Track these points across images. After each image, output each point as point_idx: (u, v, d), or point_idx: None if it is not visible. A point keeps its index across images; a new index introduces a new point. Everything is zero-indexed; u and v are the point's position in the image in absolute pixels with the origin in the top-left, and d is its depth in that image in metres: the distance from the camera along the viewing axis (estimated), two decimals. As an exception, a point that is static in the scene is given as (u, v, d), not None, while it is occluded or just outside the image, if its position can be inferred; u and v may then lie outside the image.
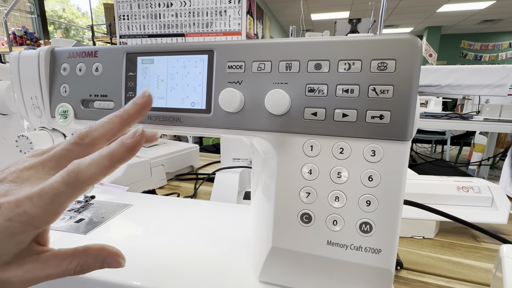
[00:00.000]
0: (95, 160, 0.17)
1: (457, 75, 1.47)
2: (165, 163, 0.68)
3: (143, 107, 0.20)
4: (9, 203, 0.16)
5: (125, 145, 0.18)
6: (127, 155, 0.18)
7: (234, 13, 0.58)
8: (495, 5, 4.55)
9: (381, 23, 0.79)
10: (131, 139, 0.18)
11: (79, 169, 0.17)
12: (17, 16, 3.25)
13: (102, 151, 0.17)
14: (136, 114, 0.20)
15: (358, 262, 0.23)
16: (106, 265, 0.19)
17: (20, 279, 0.17)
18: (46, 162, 0.18)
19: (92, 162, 0.17)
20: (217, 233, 0.36)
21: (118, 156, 0.17)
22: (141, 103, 0.20)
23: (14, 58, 0.33)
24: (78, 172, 0.17)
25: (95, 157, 0.17)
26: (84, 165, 0.17)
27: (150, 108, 0.21)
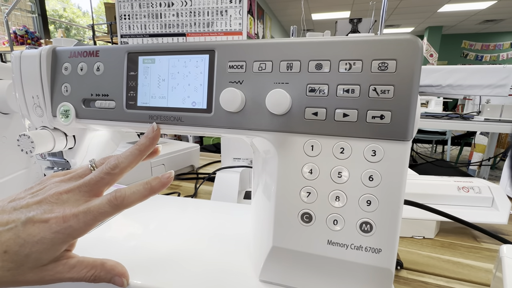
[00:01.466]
0: (138, 190, 0.22)
1: (458, 75, 1.47)
2: (166, 162, 0.68)
3: (154, 139, 0.26)
4: (56, 218, 0.20)
5: (161, 182, 0.24)
6: (161, 188, 0.24)
7: (235, 13, 0.58)
8: (497, 5, 4.54)
9: (382, 23, 0.79)
10: (165, 178, 0.24)
11: (125, 195, 0.22)
12: (18, 16, 3.25)
13: (144, 184, 0.23)
14: (150, 145, 0.26)
15: (358, 262, 0.23)
16: (113, 281, 0.23)
17: (50, 278, 0.20)
18: (82, 187, 0.22)
19: (135, 191, 0.22)
20: (218, 232, 0.36)
21: (155, 189, 0.23)
22: (152, 136, 0.26)
23: (16, 58, 0.33)
24: (124, 198, 0.22)
25: (138, 188, 0.23)
26: (129, 192, 0.22)
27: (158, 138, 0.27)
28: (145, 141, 0.25)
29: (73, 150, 0.37)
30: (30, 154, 0.32)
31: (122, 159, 0.24)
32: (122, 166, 0.23)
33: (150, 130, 0.26)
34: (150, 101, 0.28)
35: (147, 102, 0.28)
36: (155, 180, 0.23)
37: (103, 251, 0.31)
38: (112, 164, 0.23)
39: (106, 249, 0.32)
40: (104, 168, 0.23)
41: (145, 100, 0.29)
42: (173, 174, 0.24)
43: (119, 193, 0.22)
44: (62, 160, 0.38)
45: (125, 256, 0.30)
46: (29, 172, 0.55)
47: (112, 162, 0.23)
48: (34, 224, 0.19)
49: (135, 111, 0.29)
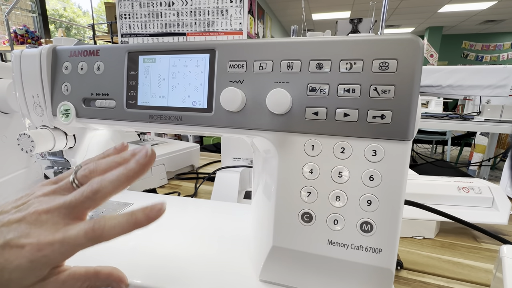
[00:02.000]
0: (120, 224, 0.20)
1: (458, 75, 1.47)
2: (166, 162, 0.68)
3: (145, 165, 0.22)
4: (31, 245, 0.19)
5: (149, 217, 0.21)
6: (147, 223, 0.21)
7: (235, 13, 0.58)
8: (497, 5, 4.54)
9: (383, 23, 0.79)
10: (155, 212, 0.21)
11: (104, 229, 0.20)
12: (18, 15, 3.25)
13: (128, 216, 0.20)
14: (140, 173, 0.22)
15: (358, 262, 0.23)
16: (111, 287, 0.22)
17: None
18: (61, 209, 0.20)
19: (116, 225, 0.20)
20: (218, 232, 0.36)
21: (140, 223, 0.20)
22: (144, 162, 0.21)
23: (16, 57, 0.33)
24: (103, 231, 0.20)
25: (121, 220, 0.20)
26: (109, 226, 0.20)
27: (152, 165, 0.22)
28: (135, 167, 0.21)
29: (73, 150, 0.37)
30: (30, 153, 0.32)
31: (106, 183, 0.20)
32: (104, 191, 0.21)
33: (143, 155, 0.21)
34: (151, 100, 0.28)
35: (147, 102, 0.28)
36: (141, 213, 0.20)
37: (102, 251, 0.31)
38: (94, 189, 0.20)
39: (105, 249, 0.32)
40: (85, 191, 0.20)
41: (145, 99, 0.29)
42: (164, 207, 0.21)
43: (98, 225, 0.20)
44: (62, 159, 0.38)
45: (124, 256, 0.30)
46: (29, 171, 0.55)
47: (94, 185, 0.20)
48: (11, 249, 0.18)
49: (135, 110, 0.29)
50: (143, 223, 0.20)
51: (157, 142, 0.80)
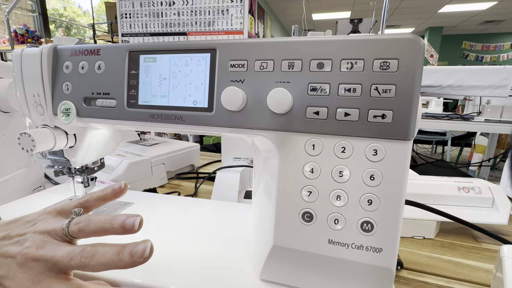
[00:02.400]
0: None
1: (458, 75, 1.47)
2: (166, 161, 0.68)
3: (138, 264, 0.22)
4: None
5: None
6: None
7: (236, 12, 0.58)
8: (497, 6, 4.54)
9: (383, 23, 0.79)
10: None
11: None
12: (19, 15, 3.25)
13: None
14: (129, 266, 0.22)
15: (359, 261, 0.23)
16: None
17: None
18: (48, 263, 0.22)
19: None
20: (218, 231, 0.36)
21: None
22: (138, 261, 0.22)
23: (17, 56, 0.33)
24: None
25: None
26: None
27: None
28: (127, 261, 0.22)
29: (74, 149, 0.37)
30: (31, 152, 0.32)
31: (95, 263, 0.22)
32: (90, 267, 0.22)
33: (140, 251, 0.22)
34: (151, 99, 0.28)
35: (148, 101, 0.28)
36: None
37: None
38: (82, 263, 0.22)
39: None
40: (73, 260, 0.22)
41: (146, 98, 0.29)
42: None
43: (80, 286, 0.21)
44: (63, 158, 0.38)
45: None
46: (29, 170, 0.55)
47: (84, 260, 0.22)
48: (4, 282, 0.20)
49: (136, 109, 0.29)
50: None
51: (157, 142, 0.80)
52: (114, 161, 0.60)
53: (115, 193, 0.28)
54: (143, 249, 0.22)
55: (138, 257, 0.21)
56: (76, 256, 0.22)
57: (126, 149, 0.69)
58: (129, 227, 0.23)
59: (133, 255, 0.21)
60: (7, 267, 0.21)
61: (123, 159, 0.60)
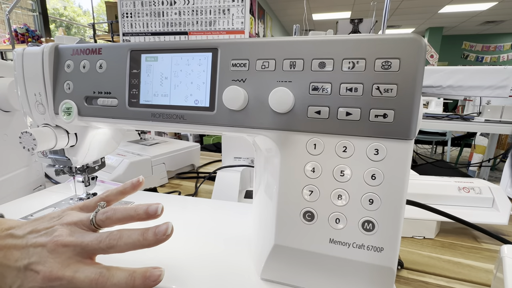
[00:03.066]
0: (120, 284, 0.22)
1: (459, 76, 1.47)
2: (166, 161, 0.68)
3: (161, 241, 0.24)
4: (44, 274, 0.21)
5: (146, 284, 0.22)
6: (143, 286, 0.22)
7: (237, 12, 0.58)
8: (498, 6, 4.54)
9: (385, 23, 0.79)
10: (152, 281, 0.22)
11: (106, 282, 0.22)
12: (19, 14, 3.24)
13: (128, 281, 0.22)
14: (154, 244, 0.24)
15: (360, 260, 0.23)
16: None
17: None
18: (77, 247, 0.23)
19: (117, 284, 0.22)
20: (219, 231, 0.36)
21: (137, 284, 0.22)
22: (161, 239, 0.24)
23: (18, 55, 0.33)
24: (105, 285, 0.22)
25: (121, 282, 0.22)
26: (110, 284, 0.22)
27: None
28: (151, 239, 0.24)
29: (75, 148, 0.38)
30: (32, 151, 0.32)
31: (122, 244, 0.24)
32: (117, 249, 0.24)
33: (162, 231, 0.24)
34: (153, 99, 0.28)
35: (149, 100, 0.29)
36: (140, 276, 0.22)
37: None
38: (110, 244, 0.23)
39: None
40: (102, 243, 0.23)
41: (147, 98, 0.29)
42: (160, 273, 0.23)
43: (102, 279, 0.22)
44: (64, 157, 0.38)
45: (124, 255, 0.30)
46: (30, 170, 0.55)
47: (112, 241, 0.23)
48: (31, 271, 0.22)
49: (137, 109, 0.29)
50: (140, 286, 0.22)
51: (158, 142, 0.80)
52: (114, 161, 0.60)
53: (134, 186, 0.31)
54: (166, 228, 0.24)
55: (161, 235, 0.24)
56: (105, 239, 0.23)
57: (127, 149, 0.69)
58: (152, 212, 0.26)
59: (157, 233, 0.24)
60: (38, 254, 0.23)
61: (123, 158, 0.60)
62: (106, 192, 0.30)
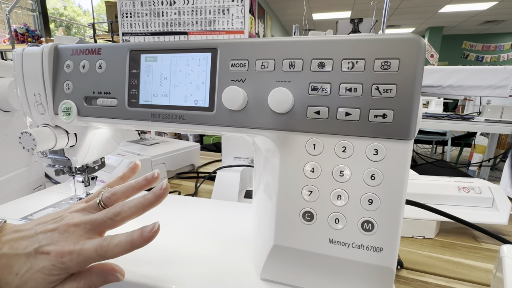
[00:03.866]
0: (121, 243, 0.23)
1: (459, 76, 1.47)
2: (166, 161, 0.68)
3: (161, 197, 0.26)
4: (56, 252, 0.22)
5: (144, 237, 0.24)
6: (143, 244, 0.24)
7: (237, 12, 0.58)
8: (498, 6, 4.53)
9: (384, 23, 0.79)
10: (148, 232, 0.24)
11: (108, 247, 0.23)
12: (19, 14, 3.24)
13: (127, 238, 0.23)
14: (155, 202, 0.26)
15: (359, 260, 0.23)
16: (108, 279, 0.24)
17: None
18: (87, 224, 0.25)
19: (118, 244, 0.23)
20: (219, 231, 0.36)
21: (136, 244, 0.23)
22: (159, 194, 0.26)
23: (18, 55, 0.33)
24: (107, 249, 0.23)
25: (121, 241, 0.23)
26: (112, 245, 0.23)
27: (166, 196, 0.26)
28: (151, 197, 0.26)
29: (75, 148, 0.38)
30: (31, 151, 0.32)
31: (126, 208, 0.25)
32: (124, 215, 0.25)
33: (158, 187, 0.26)
34: (152, 99, 0.28)
35: (149, 100, 0.29)
36: (137, 233, 0.24)
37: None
38: (116, 211, 0.25)
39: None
40: (108, 213, 0.25)
41: (147, 98, 0.29)
42: (157, 226, 0.24)
43: (105, 243, 0.23)
44: (64, 158, 0.38)
45: (127, 255, 0.30)
46: (30, 170, 0.55)
47: (117, 209, 0.25)
48: (41, 253, 0.22)
49: (137, 109, 0.29)
50: (138, 243, 0.23)
51: (158, 141, 0.80)
52: (114, 161, 0.60)
53: (131, 169, 0.34)
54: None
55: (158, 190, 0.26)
56: (111, 209, 0.25)
57: (127, 149, 0.69)
58: (150, 177, 0.29)
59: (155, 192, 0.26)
60: (49, 237, 0.23)
61: (123, 158, 0.60)
62: (106, 183, 0.32)
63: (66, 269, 0.22)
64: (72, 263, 0.22)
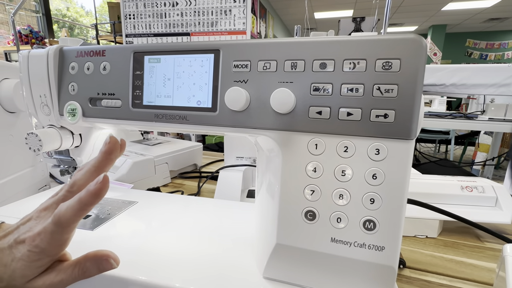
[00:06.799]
0: (69, 206, 0.22)
1: (462, 74, 1.46)
2: (169, 161, 0.69)
3: (109, 154, 0.26)
4: (29, 238, 0.23)
5: (90, 192, 0.22)
6: (93, 199, 0.22)
7: (239, 12, 0.58)
8: (502, 3, 4.49)
9: (386, 22, 0.79)
10: (94, 186, 0.22)
11: (60, 213, 0.22)
12: (23, 15, 3.27)
13: (75, 198, 0.22)
14: (105, 162, 0.26)
15: (361, 259, 0.23)
16: (102, 266, 0.24)
17: (43, 286, 0.23)
18: (53, 205, 0.25)
19: (68, 207, 0.22)
20: (221, 230, 0.36)
21: (85, 200, 0.22)
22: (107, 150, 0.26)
23: (24, 57, 0.34)
24: (60, 215, 0.22)
25: (70, 203, 0.22)
26: (62, 210, 0.22)
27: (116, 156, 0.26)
28: (100, 158, 0.26)
29: (79, 148, 0.38)
30: (37, 152, 0.33)
31: (80, 176, 0.25)
32: (79, 183, 0.25)
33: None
34: (156, 100, 0.29)
35: (152, 101, 0.29)
36: (84, 191, 0.22)
37: (107, 248, 0.32)
38: (70, 183, 0.25)
39: (110, 247, 0.32)
40: (65, 186, 0.25)
41: (150, 99, 0.29)
42: (101, 177, 0.22)
43: (57, 211, 0.22)
44: (68, 158, 0.39)
45: (129, 254, 0.31)
46: (35, 170, 0.55)
47: (71, 181, 0.25)
48: (17, 245, 0.23)
49: (140, 110, 0.29)
50: (87, 199, 0.22)
51: (160, 141, 0.81)
52: (118, 161, 0.61)
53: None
54: None
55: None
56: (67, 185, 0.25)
57: (130, 149, 0.70)
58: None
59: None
60: (27, 226, 0.24)
61: (126, 158, 0.61)
62: None
63: (41, 252, 0.22)
64: (44, 244, 0.22)
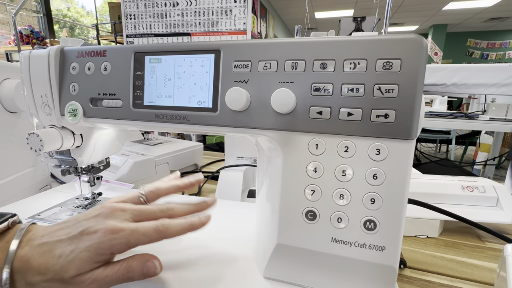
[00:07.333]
0: (180, 225, 0.25)
1: (463, 73, 1.45)
2: (170, 161, 0.69)
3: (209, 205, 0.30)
4: (105, 229, 0.23)
5: (201, 223, 0.26)
6: (199, 227, 0.26)
7: (239, 12, 0.58)
8: (503, 2, 4.48)
9: (387, 22, 0.79)
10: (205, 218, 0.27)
11: (169, 225, 0.24)
12: (23, 15, 3.28)
13: (187, 221, 0.25)
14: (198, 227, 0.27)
15: (362, 259, 0.23)
16: (146, 268, 0.24)
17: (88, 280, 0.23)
18: (135, 211, 0.26)
19: (178, 225, 0.25)
20: (222, 229, 0.36)
21: (194, 227, 0.26)
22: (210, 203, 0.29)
23: (25, 58, 0.34)
24: (168, 227, 0.24)
25: (181, 223, 0.25)
26: (173, 224, 0.25)
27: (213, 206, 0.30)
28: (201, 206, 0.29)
29: (80, 148, 0.38)
30: (38, 152, 0.33)
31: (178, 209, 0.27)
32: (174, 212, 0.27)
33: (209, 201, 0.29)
34: (157, 100, 0.29)
35: (153, 101, 0.29)
36: (195, 218, 0.26)
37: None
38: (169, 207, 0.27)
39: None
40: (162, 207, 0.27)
41: (151, 99, 0.29)
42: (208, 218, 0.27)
43: (166, 222, 0.24)
44: (70, 158, 0.39)
45: (128, 253, 0.31)
46: (36, 170, 0.56)
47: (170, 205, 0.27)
48: (87, 234, 0.23)
49: (141, 110, 0.29)
50: (195, 227, 0.26)
51: (161, 141, 0.81)
52: (118, 161, 0.61)
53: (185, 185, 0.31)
54: None
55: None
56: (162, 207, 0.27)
57: (131, 149, 0.70)
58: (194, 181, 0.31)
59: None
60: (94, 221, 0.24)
61: (127, 158, 0.61)
62: None
63: (112, 247, 0.22)
64: (122, 240, 0.23)
